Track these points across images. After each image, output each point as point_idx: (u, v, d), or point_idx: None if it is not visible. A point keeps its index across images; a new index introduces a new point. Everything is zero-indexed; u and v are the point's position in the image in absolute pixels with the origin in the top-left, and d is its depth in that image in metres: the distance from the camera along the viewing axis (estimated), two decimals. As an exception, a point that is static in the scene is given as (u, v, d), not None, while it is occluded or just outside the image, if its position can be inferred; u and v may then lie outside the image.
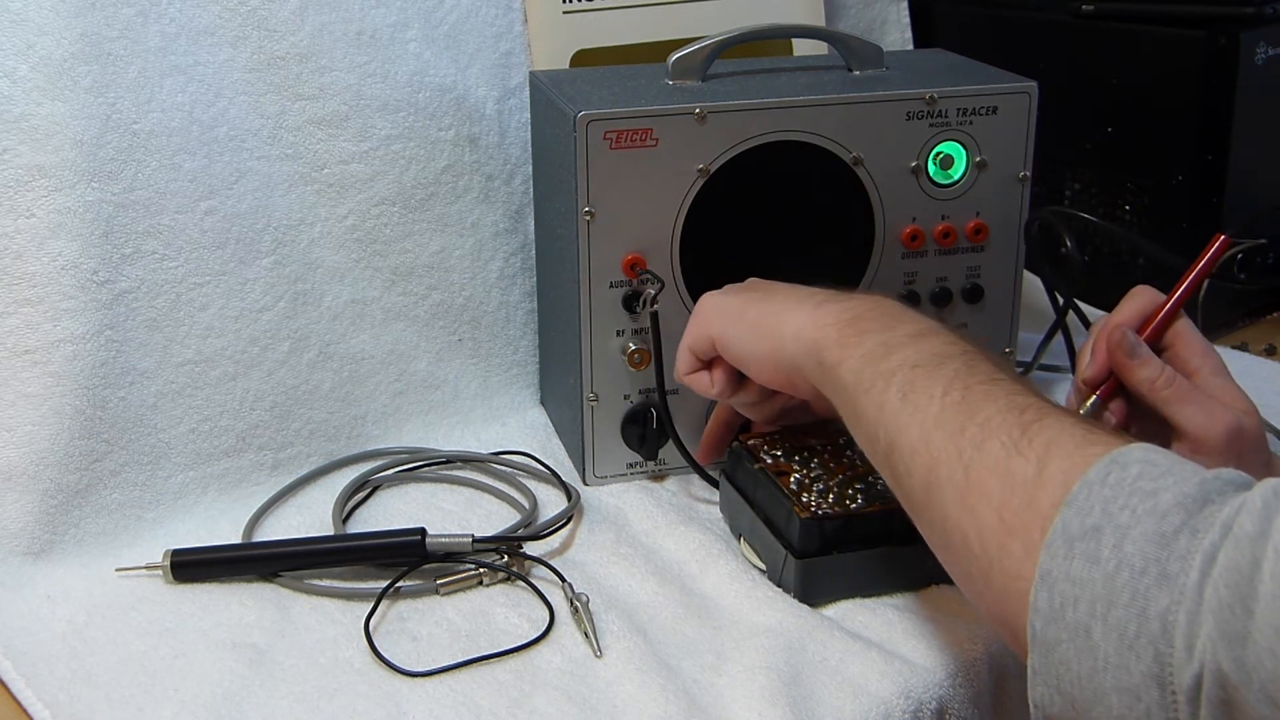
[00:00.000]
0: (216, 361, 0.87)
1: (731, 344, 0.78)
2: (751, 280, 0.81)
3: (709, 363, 0.81)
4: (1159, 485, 0.53)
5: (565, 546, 0.83)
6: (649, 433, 0.89)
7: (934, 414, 0.63)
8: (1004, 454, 0.59)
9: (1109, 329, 0.78)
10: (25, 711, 0.68)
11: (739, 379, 0.80)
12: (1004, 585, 0.57)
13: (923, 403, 0.63)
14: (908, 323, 0.70)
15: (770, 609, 0.75)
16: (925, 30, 1.23)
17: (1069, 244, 0.92)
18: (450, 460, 0.93)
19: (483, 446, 0.96)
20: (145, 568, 0.79)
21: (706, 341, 0.79)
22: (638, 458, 0.90)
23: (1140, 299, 0.80)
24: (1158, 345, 0.78)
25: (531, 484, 0.90)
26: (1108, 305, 0.82)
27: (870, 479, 0.78)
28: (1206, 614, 0.49)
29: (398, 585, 0.77)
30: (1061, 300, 0.98)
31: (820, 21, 1.09)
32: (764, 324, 0.75)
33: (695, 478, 0.88)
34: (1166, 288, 0.80)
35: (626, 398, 0.89)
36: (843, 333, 0.70)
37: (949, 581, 0.77)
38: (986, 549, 0.58)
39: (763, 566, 0.79)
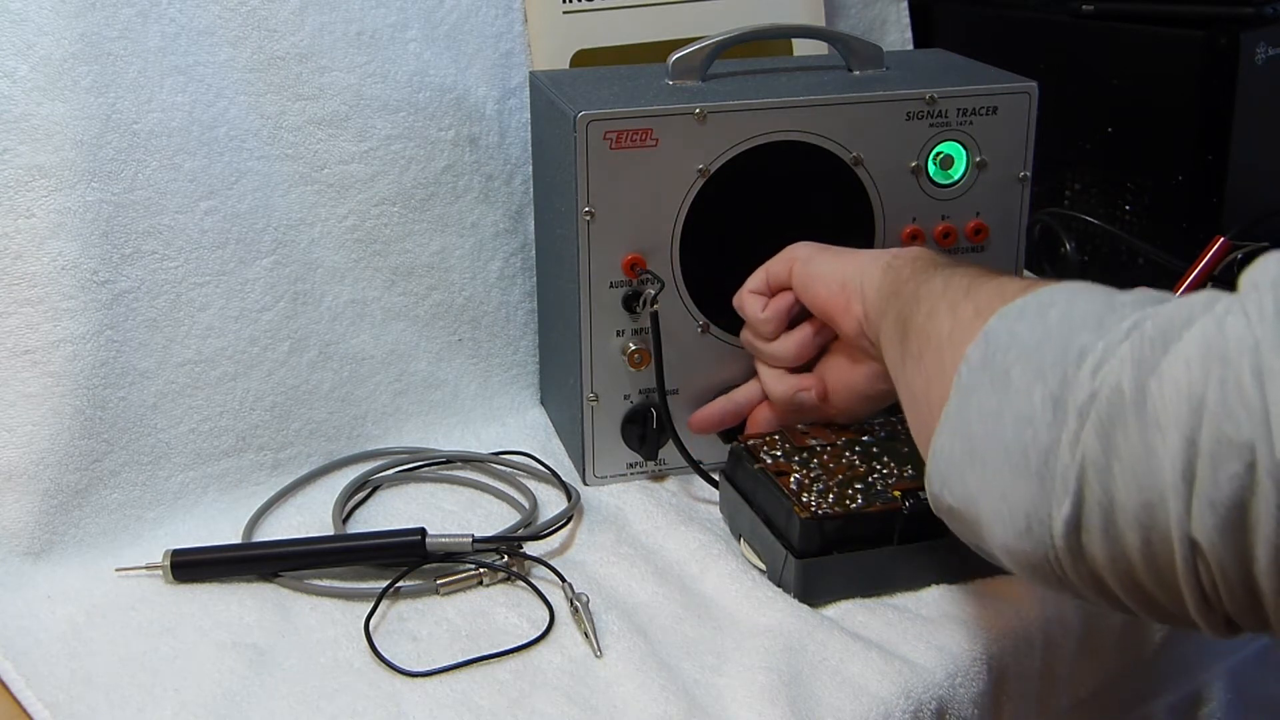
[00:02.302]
0: (216, 361, 0.87)
1: (812, 260, 0.80)
2: None
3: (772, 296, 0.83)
4: (1118, 289, 0.56)
5: (565, 546, 0.83)
6: (649, 433, 0.89)
7: (965, 286, 0.65)
8: (1000, 285, 0.62)
9: None
10: (25, 711, 0.68)
11: (789, 326, 0.83)
12: (953, 366, 0.59)
13: (969, 283, 0.65)
14: None
15: (770, 609, 0.75)
16: (925, 30, 1.23)
17: (1068, 246, 0.92)
18: (450, 460, 0.93)
19: (483, 446, 0.96)
20: (145, 568, 0.79)
21: (786, 266, 0.82)
22: (638, 458, 0.90)
23: None
24: None
25: (531, 484, 0.90)
26: (1108, 305, 0.82)
27: (870, 479, 0.78)
28: (1125, 347, 0.50)
29: (398, 585, 0.77)
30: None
31: (820, 21, 1.09)
32: (850, 255, 0.79)
33: (695, 478, 0.88)
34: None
35: (626, 398, 0.89)
36: (920, 256, 0.74)
37: (949, 581, 0.78)
38: (954, 341, 0.60)
39: (763, 566, 0.79)
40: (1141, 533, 0.49)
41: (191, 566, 0.78)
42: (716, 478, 0.85)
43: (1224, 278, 1.06)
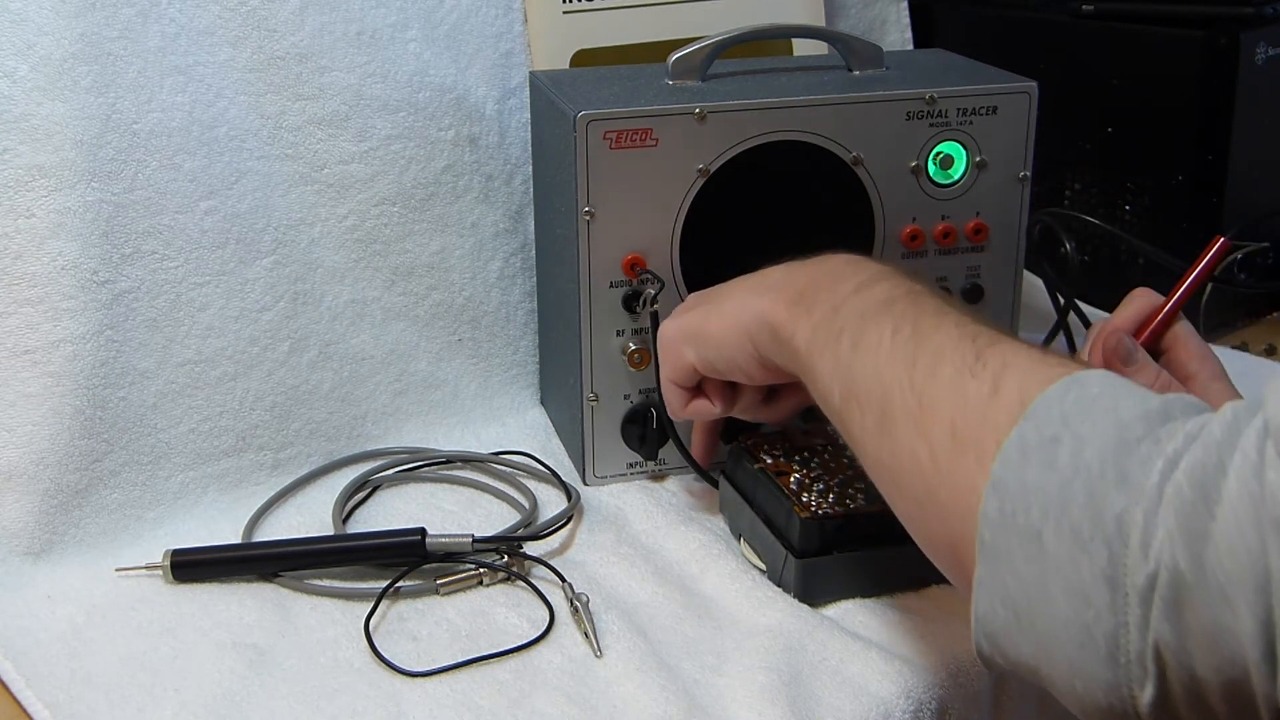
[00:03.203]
0: (216, 361, 0.87)
1: (713, 361, 0.76)
2: (692, 296, 0.81)
3: (697, 388, 0.80)
4: (1121, 402, 0.53)
5: (565, 546, 0.83)
6: (649, 433, 0.89)
7: (885, 352, 0.62)
8: (957, 377, 0.58)
9: (1105, 334, 0.78)
10: (25, 711, 0.68)
11: (734, 389, 0.80)
12: (953, 501, 0.56)
13: (872, 345, 0.63)
14: (852, 277, 0.69)
15: (770, 609, 0.75)
16: (925, 30, 1.23)
17: (1068, 246, 0.92)
18: (450, 460, 0.93)
19: (483, 446, 0.96)
20: (145, 568, 0.79)
21: (687, 370, 0.78)
22: (638, 458, 0.90)
23: (1139, 302, 0.80)
24: (1156, 348, 0.78)
25: (531, 484, 0.90)
26: (1108, 306, 0.82)
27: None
28: (1166, 512, 0.48)
29: (398, 585, 0.77)
30: (1063, 300, 0.98)
31: (820, 21, 1.09)
32: (729, 331, 0.75)
33: (695, 478, 0.88)
34: (1167, 288, 0.80)
35: (626, 398, 0.89)
36: (792, 310, 0.70)
37: (949, 581, 0.77)
38: (938, 467, 0.57)
39: (763, 566, 0.79)
40: (1229, 700, 0.48)
41: (191, 566, 0.78)
42: (716, 478, 0.85)
43: (1224, 278, 1.06)
